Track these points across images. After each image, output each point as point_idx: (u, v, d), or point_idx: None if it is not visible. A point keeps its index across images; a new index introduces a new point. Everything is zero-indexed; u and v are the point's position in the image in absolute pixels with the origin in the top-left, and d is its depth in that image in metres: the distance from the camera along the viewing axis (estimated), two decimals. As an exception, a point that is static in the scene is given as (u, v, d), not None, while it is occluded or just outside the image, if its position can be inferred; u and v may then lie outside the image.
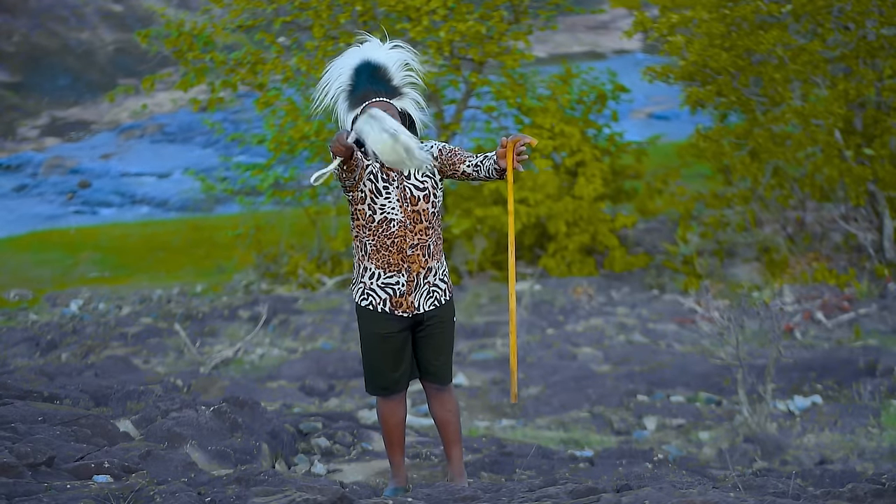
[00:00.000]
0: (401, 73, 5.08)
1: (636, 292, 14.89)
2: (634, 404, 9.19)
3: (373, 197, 4.98)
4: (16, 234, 21.84)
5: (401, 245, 5.00)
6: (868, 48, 14.17)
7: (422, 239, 5.04)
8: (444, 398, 5.32)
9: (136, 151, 26.93)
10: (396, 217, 4.99)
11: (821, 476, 6.36)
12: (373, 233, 5.01)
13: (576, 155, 16.76)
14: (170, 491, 4.47)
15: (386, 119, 4.71)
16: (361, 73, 5.03)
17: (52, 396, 6.54)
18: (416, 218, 5.02)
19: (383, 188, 4.98)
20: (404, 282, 5.04)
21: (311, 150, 16.39)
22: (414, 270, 5.04)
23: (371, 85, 5.00)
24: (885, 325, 11.84)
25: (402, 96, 5.07)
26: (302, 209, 18.09)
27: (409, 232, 5.01)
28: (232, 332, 12.69)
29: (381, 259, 5.02)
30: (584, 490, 4.65)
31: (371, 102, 4.96)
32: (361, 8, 15.50)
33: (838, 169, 14.32)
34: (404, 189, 5.01)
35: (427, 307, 5.12)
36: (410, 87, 5.10)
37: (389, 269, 5.03)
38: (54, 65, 29.83)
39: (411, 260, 5.03)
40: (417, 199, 5.02)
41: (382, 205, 4.98)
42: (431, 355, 5.20)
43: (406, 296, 5.06)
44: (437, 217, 5.12)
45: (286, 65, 15.85)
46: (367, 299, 5.08)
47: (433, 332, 5.16)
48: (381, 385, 5.18)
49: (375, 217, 4.99)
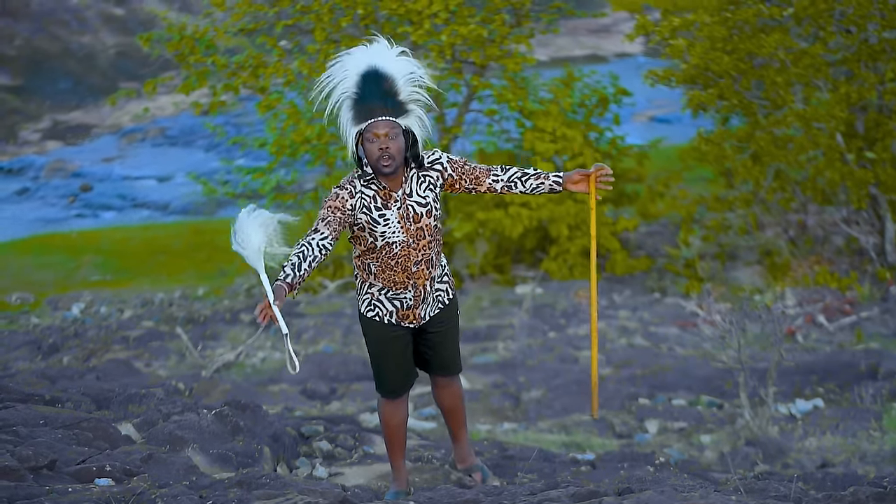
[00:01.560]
0: (408, 88, 4.88)
1: (638, 296, 14.89)
2: (636, 407, 9.18)
3: (371, 227, 4.88)
4: (17, 238, 21.86)
5: (405, 264, 4.95)
6: (870, 51, 14.18)
7: (425, 254, 4.98)
8: (453, 386, 5.38)
9: (138, 155, 26.96)
10: (398, 239, 4.90)
11: (822, 479, 6.35)
12: (375, 256, 4.95)
13: (577, 158, 16.76)
14: (171, 494, 4.47)
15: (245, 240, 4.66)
16: (368, 83, 4.84)
17: (53, 400, 6.54)
18: (419, 235, 4.95)
19: (380, 216, 4.87)
20: (411, 296, 5.02)
21: (312, 154, 16.39)
22: (420, 284, 5.01)
23: (378, 99, 4.82)
24: (886, 328, 11.83)
25: (408, 114, 4.88)
26: (303, 212, 18.09)
27: (412, 251, 4.94)
28: (234, 336, 12.69)
29: (386, 279, 4.98)
30: (586, 493, 4.65)
31: (376, 121, 4.78)
32: (363, 11, 15.51)
33: (840, 172, 14.32)
34: (406, 208, 4.90)
35: (433, 313, 5.13)
36: (415, 104, 4.91)
37: (396, 287, 4.99)
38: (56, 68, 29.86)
39: (416, 276, 4.99)
40: (420, 215, 4.93)
41: (383, 232, 4.89)
42: (440, 349, 5.22)
43: (413, 308, 5.05)
44: (438, 229, 5.06)
45: (288, 68, 15.85)
46: (374, 311, 5.05)
47: (440, 330, 5.19)
48: (391, 388, 5.20)
49: (377, 244, 4.91)
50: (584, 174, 4.98)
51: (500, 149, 17.79)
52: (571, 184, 4.99)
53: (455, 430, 5.53)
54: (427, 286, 5.03)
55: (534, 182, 5.02)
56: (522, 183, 5.02)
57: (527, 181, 5.02)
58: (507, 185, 5.03)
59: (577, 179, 4.99)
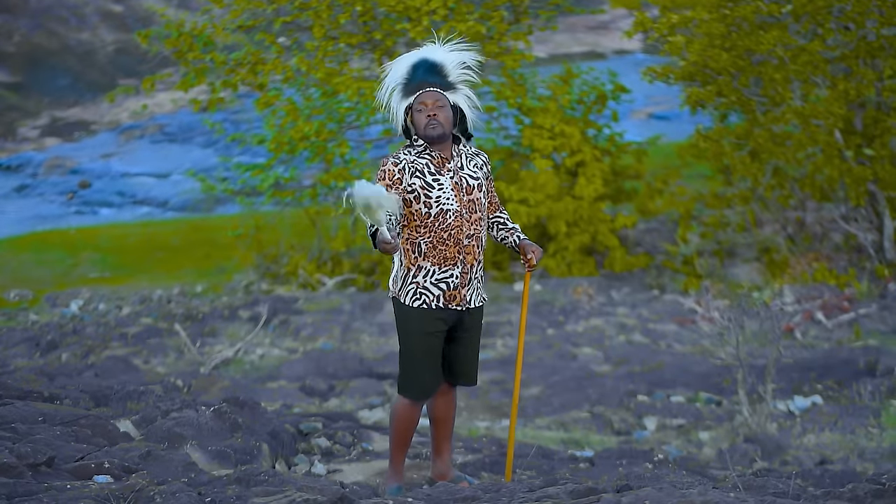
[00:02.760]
0: (457, 71, 5.14)
1: (636, 292, 14.89)
2: (634, 404, 9.18)
3: (426, 192, 5.00)
4: (16, 235, 21.84)
5: (458, 236, 5.03)
6: (868, 48, 14.17)
7: (476, 230, 5.09)
8: (453, 396, 5.40)
9: (137, 152, 26.93)
10: (452, 207, 5.01)
11: (821, 476, 6.36)
12: (429, 229, 5.00)
13: (576, 155, 16.76)
14: (170, 491, 4.47)
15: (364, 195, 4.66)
16: (418, 69, 5.09)
17: (52, 396, 6.54)
18: (471, 207, 5.07)
19: (434, 181, 5.01)
20: (458, 273, 5.05)
21: (311, 151, 16.39)
22: (469, 262, 5.07)
23: (426, 77, 5.06)
24: (885, 325, 11.84)
25: (456, 91, 5.12)
26: (302, 209, 18.10)
27: (465, 222, 5.04)
28: (232, 333, 12.69)
29: (437, 255, 5.02)
30: (585, 490, 4.65)
31: (424, 92, 5.01)
32: (361, 8, 15.50)
33: (838, 169, 14.32)
34: (460, 178, 5.06)
35: (476, 302, 5.17)
36: (465, 85, 5.16)
37: (445, 264, 5.03)
38: (54, 65, 29.84)
39: (467, 251, 5.06)
40: (472, 187, 5.09)
41: (438, 197, 5.01)
42: (469, 355, 5.25)
43: (460, 288, 5.07)
44: (485, 211, 5.20)
45: (286, 65, 15.86)
46: (420, 298, 5.05)
47: (472, 333, 5.21)
48: (422, 388, 5.17)
49: (432, 211, 4.99)
50: (523, 248, 5.25)
51: (499, 146, 17.79)
52: (522, 252, 5.27)
53: (441, 443, 5.47)
54: (474, 266, 5.09)
55: (504, 234, 5.33)
56: (497, 229, 5.34)
57: (500, 230, 5.34)
58: (491, 224, 5.35)
59: (523, 251, 5.27)
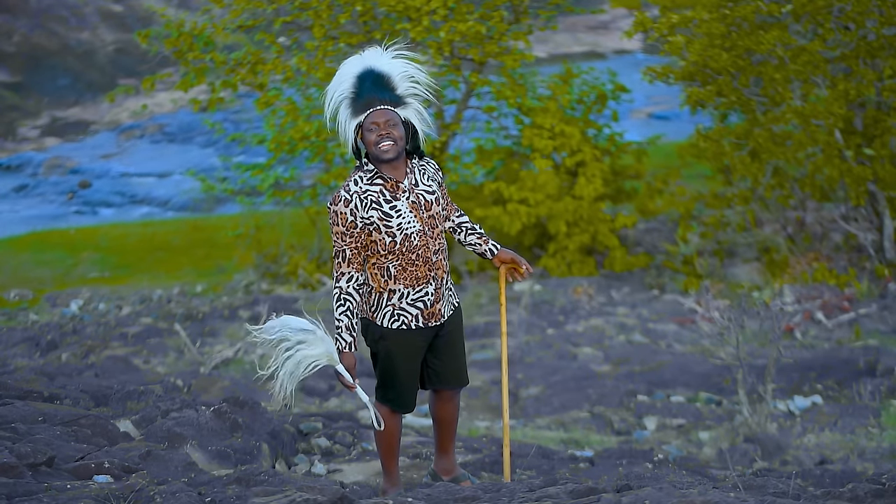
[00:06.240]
0: (405, 84, 4.99)
1: (636, 292, 14.89)
2: (634, 404, 9.19)
3: (386, 223, 4.87)
4: (16, 235, 21.84)
5: (426, 255, 4.95)
6: (868, 48, 14.17)
7: (441, 243, 5.03)
8: (455, 399, 5.36)
9: (137, 152, 26.93)
10: (415, 228, 4.91)
11: (821, 476, 6.36)
12: (395, 255, 4.92)
13: (576, 155, 16.76)
14: (170, 491, 4.47)
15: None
16: (365, 81, 4.94)
17: (52, 396, 6.54)
18: (432, 223, 4.98)
19: (391, 209, 4.88)
20: (433, 290, 5.00)
21: (311, 151, 16.39)
22: (440, 276, 5.02)
23: (375, 93, 4.91)
24: (885, 325, 11.84)
25: (406, 106, 4.98)
26: (302, 209, 18.10)
27: (430, 239, 4.96)
28: (232, 332, 12.69)
29: (408, 276, 4.95)
30: (585, 490, 4.65)
31: (375, 110, 4.87)
32: (361, 8, 15.49)
33: (838, 169, 14.32)
34: (417, 196, 4.94)
35: (448, 313, 5.13)
36: (413, 98, 5.01)
37: (418, 283, 4.97)
38: (54, 65, 29.84)
39: (437, 266, 5.00)
40: (430, 203, 4.98)
41: (399, 223, 4.89)
42: (453, 359, 5.20)
43: (435, 304, 5.03)
44: (444, 221, 5.14)
45: (286, 65, 15.85)
46: (399, 319, 5.00)
47: (452, 337, 5.17)
48: (403, 403, 5.18)
49: (396, 239, 4.89)
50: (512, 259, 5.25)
51: (499, 145, 17.79)
52: (499, 260, 5.27)
53: (446, 443, 5.46)
54: (444, 278, 5.05)
55: (474, 239, 5.27)
56: (466, 234, 5.27)
57: (469, 235, 5.27)
58: (456, 228, 5.27)
59: (506, 259, 5.26)
